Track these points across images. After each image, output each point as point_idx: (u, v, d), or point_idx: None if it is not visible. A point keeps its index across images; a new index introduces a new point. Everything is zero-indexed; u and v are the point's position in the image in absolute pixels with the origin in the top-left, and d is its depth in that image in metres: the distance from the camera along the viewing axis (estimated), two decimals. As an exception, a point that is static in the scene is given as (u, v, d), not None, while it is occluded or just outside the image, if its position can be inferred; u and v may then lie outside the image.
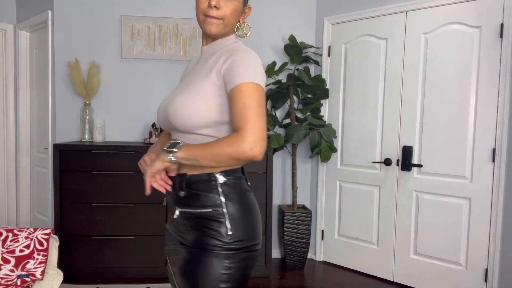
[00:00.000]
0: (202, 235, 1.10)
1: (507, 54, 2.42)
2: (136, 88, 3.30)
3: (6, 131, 3.66)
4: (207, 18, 1.13)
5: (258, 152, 0.99)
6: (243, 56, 1.08)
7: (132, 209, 2.87)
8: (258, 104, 1.02)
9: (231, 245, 1.08)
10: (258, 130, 1.00)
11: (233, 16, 1.14)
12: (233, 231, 1.09)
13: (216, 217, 1.10)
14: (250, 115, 1.01)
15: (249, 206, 1.14)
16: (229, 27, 1.16)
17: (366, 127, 3.08)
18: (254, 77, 1.04)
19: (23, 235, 1.98)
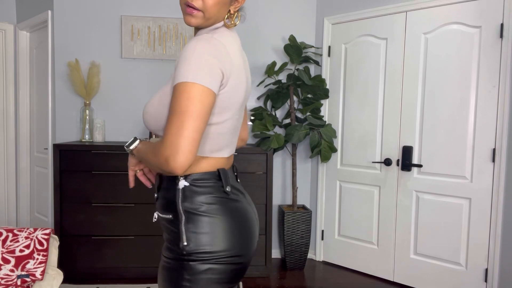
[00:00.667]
0: (166, 242, 1.06)
1: (507, 54, 2.42)
2: (136, 88, 3.30)
3: (6, 131, 3.66)
4: (187, 9, 1.03)
5: (174, 166, 0.89)
6: (189, 48, 0.96)
7: (132, 209, 2.87)
8: (185, 109, 0.90)
9: (189, 256, 1.00)
10: (174, 142, 0.89)
11: (216, 7, 1.03)
12: (191, 241, 1.00)
13: (175, 224, 1.03)
14: (172, 124, 0.90)
15: (215, 214, 1.02)
16: (212, 19, 1.05)
17: (366, 127, 3.08)
18: (192, 75, 0.92)
19: (23, 235, 1.98)
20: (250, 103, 3.38)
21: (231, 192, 1.08)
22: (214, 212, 1.03)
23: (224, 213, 1.04)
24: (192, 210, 1.01)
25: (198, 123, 0.91)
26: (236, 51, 1.06)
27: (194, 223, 1.01)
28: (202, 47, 0.95)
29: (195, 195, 1.03)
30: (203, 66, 0.94)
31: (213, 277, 1.00)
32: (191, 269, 0.99)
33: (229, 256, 1.02)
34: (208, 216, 1.02)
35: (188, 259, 1.00)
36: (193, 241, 1.00)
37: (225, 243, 1.02)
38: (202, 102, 0.92)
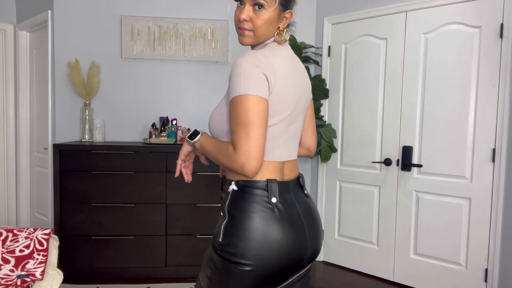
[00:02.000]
0: (215, 232, 1.18)
1: (507, 54, 2.42)
2: (136, 88, 3.30)
3: (6, 131, 3.66)
4: (239, 30, 1.17)
5: (249, 172, 1.04)
6: (236, 64, 1.08)
7: (132, 209, 2.87)
8: (246, 120, 1.03)
9: (221, 252, 1.12)
10: (247, 151, 1.03)
11: (265, 26, 1.14)
12: (224, 241, 1.11)
13: (220, 221, 1.15)
14: (240, 134, 1.04)
15: (245, 224, 1.09)
16: (263, 37, 1.17)
17: (366, 127, 3.08)
18: (243, 88, 1.05)
19: (23, 235, 1.98)
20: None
21: (280, 204, 1.13)
22: (255, 221, 1.10)
23: (249, 224, 1.10)
24: (232, 213, 1.12)
25: (260, 130, 1.04)
26: (281, 62, 1.14)
27: (229, 226, 1.11)
28: (247, 61, 1.07)
29: (238, 200, 1.13)
30: (250, 77, 1.05)
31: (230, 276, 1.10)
32: (216, 262, 1.12)
33: (242, 262, 1.08)
34: (239, 222, 1.10)
35: (218, 253, 1.12)
36: (226, 242, 1.11)
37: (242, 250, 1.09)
38: (258, 110, 1.05)
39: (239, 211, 1.11)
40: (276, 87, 1.10)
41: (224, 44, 3.30)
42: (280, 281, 1.17)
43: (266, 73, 1.07)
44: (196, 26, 3.27)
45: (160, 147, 2.86)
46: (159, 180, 2.87)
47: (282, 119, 1.14)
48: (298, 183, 1.24)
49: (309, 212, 1.20)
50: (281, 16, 1.18)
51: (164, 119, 3.16)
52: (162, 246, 2.90)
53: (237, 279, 1.09)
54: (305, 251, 1.16)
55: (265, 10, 1.13)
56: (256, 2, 1.12)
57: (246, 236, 1.08)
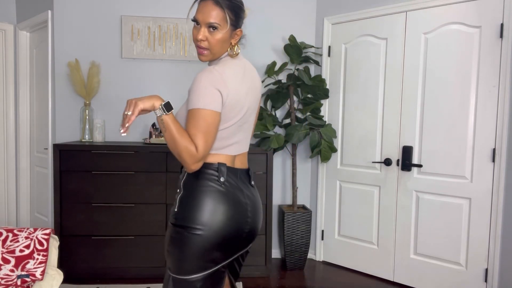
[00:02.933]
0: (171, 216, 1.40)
1: (507, 54, 2.42)
2: (136, 88, 3.30)
3: (6, 131, 3.66)
4: (198, 49, 1.38)
5: (192, 169, 1.28)
6: (196, 80, 1.29)
7: (132, 209, 2.87)
8: (201, 129, 1.26)
9: (175, 221, 1.33)
10: (203, 153, 1.27)
11: (219, 44, 1.35)
12: (179, 210, 1.34)
13: (177, 196, 1.38)
14: (198, 139, 1.26)
15: (197, 196, 1.32)
16: (218, 54, 1.38)
17: (366, 127, 3.08)
18: (201, 103, 1.26)
19: (23, 235, 1.98)
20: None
21: (225, 184, 1.36)
22: (203, 193, 1.33)
23: (210, 196, 1.33)
24: (185, 189, 1.35)
25: (211, 137, 1.28)
26: (233, 76, 1.34)
27: (187, 198, 1.34)
28: (205, 79, 1.27)
29: (191, 178, 1.36)
30: (207, 94, 1.26)
31: (187, 242, 1.30)
32: (172, 234, 1.33)
33: (194, 227, 1.30)
34: (198, 195, 1.32)
35: (173, 224, 1.34)
36: (180, 211, 1.34)
37: (198, 217, 1.30)
38: (213, 123, 1.28)
39: (192, 186, 1.34)
40: (229, 99, 1.31)
41: (224, 44, 3.29)
42: (226, 254, 1.36)
43: (220, 89, 1.28)
44: (196, 26, 3.27)
45: (160, 147, 2.86)
46: (159, 180, 2.87)
47: (233, 124, 1.37)
48: (246, 173, 1.46)
49: (252, 197, 1.43)
50: (232, 34, 1.38)
51: (164, 119, 3.15)
52: (162, 246, 2.90)
53: (191, 243, 1.29)
54: (246, 225, 1.38)
55: (218, 31, 1.33)
56: (210, 25, 1.32)
57: (196, 205, 1.30)
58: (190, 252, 1.29)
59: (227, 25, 1.33)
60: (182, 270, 1.31)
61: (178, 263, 1.32)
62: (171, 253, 1.33)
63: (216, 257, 1.33)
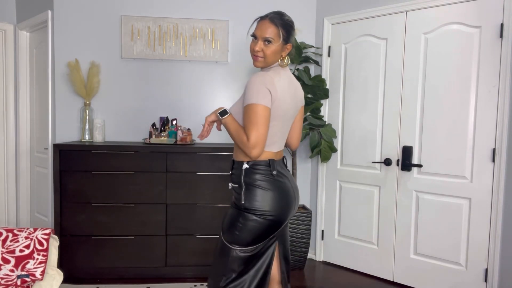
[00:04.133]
0: (234, 200, 1.72)
1: (507, 54, 2.42)
2: (136, 88, 3.30)
3: (6, 131, 3.66)
4: (254, 57, 1.69)
5: (254, 154, 1.58)
6: (251, 81, 1.60)
7: (132, 209, 2.87)
8: (256, 121, 1.56)
9: (246, 210, 1.63)
10: (255, 141, 1.55)
11: (272, 55, 1.66)
12: (246, 203, 1.63)
13: (239, 190, 1.67)
14: (252, 129, 1.56)
15: (261, 187, 1.64)
16: (270, 62, 1.68)
17: (366, 127, 3.08)
18: (255, 99, 1.56)
19: (23, 235, 1.98)
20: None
21: (277, 175, 1.67)
22: (263, 186, 1.64)
23: (269, 187, 1.64)
24: (248, 182, 1.65)
25: (265, 128, 1.58)
26: (281, 81, 1.64)
27: (250, 191, 1.64)
28: (258, 80, 1.58)
29: (250, 173, 1.66)
30: (260, 92, 1.56)
31: (256, 225, 1.62)
32: (245, 216, 1.63)
33: (267, 214, 1.62)
34: (259, 188, 1.64)
35: (244, 211, 1.64)
36: (248, 202, 1.63)
37: (266, 206, 1.63)
38: (265, 115, 1.57)
39: (252, 180, 1.64)
40: (277, 100, 1.60)
41: (224, 44, 3.30)
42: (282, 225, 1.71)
43: (270, 90, 1.57)
44: (196, 26, 3.27)
45: (160, 147, 2.86)
46: (159, 180, 2.87)
47: (278, 122, 1.66)
48: (282, 161, 1.78)
49: (292, 179, 1.77)
50: (283, 48, 1.68)
51: (164, 119, 3.16)
52: (162, 246, 2.90)
53: (263, 226, 1.62)
54: (294, 203, 1.74)
55: (272, 44, 1.64)
56: (266, 39, 1.64)
57: (261, 196, 1.63)
58: (254, 230, 1.62)
59: (279, 39, 1.65)
60: (245, 242, 1.63)
61: (243, 237, 1.63)
62: (241, 234, 1.63)
63: (267, 235, 1.66)
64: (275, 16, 1.67)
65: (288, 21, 1.68)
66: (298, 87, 1.77)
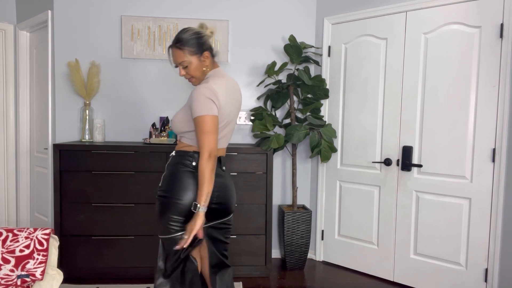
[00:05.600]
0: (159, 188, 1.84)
1: (507, 54, 2.42)
2: (136, 88, 3.30)
3: (6, 131, 3.66)
4: (188, 81, 2.03)
5: (214, 157, 1.70)
6: (196, 94, 1.71)
7: (132, 209, 2.87)
8: (207, 130, 1.68)
9: (160, 192, 1.78)
10: (209, 148, 1.69)
11: (196, 71, 1.82)
12: (162, 185, 1.78)
13: (163, 175, 1.82)
14: (204, 139, 1.69)
15: (174, 174, 1.77)
16: (201, 76, 1.84)
17: (366, 127, 3.08)
18: (204, 110, 1.68)
19: (23, 235, 1.98)
20: (250, 103, 3.38)
21: (194, 167, 1.78)
22: (173, 171, 1.78)
23: (176, 174, 1.77)
24: (167, 168, 1.81)
25: (215, 135, 1.71)
26: (221, 88, 1.76)
27: (165, 176, 1.79)
28: (203, 92, 1.70)
29: (172, 160, 1.81)
30: (207, 103, 1.69)
31: (167, 206, 1.74)
32: (160, 202, 1.77)
33: (177, 198, 1.74)
34: (171, 173, 1.78)
35: (159, 195, 1.78)
36: (164, 186, 1.77)
37: (172, 189, 1.75)
38: (214, 123, 1.70)
39: (173, 167, 1.78)
40: (220, 107, 1.73)
41: (224, 44, 3.30)
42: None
43: (214, 100, 1.70)
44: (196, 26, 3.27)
45: (160, 147, 2.86)
46: (159, 180, 2.86)
47: (221, 125, 1.79)
48: (219, 160, 1.86)
49: (221, 178, 1.84)
50: (201, 59, 1.81)
51: (164, 119, 3.16)
52: (162, 246, 2.90)
53: (174, 208, 1.73)
54: (212, 199, 1.78)
55: (188, 65, 1.79)
56: (180, 64, 1.80)
57: (173, 181, 1.75)
58: (173, 213, 1.73)
59: (191, 56, 1.77)
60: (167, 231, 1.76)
61: (162, 225, 1.76)
62: (161, 218, 1.76)
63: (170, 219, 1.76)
64: (175, 40, 1.78)
65: (189, 36, 1.77)
66: (237, 90, 1.91)
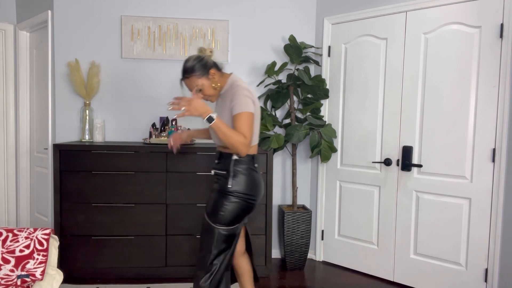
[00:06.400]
0: (217, 186, 2.00)
1: (507, 54, 2.42)
2: (136, 88, 3.30)
3: (6, 131, 3.66)
4: (206, 99, 2.04)
5: (243, 152, 1.87)
6: (238, 93, 1.92)
7: (132, 209, 2.87)
8: (246, 124, 1.87)
9: (232, 193, 1.94)
10: (246, 141, 1.85)
11: (210, 89, 2.00)
12: (233, 187, 1.94)
13: (227, 176, 1.96)
14: (244, 131, 1.86)
15: (246, 174, 1.97)
16: (215, 93, 2.03)
17: (366, 127, 3.08)
18: (243, 107, 1.89)
19: (23, 235, 1.98)
20: (250, 103, 3.38)
21: (256, 167, 2.04)
22: (246, 174, 1.97)
23: (249, 174, 1.98)
24: (236, 170, 1.96)
25: (252, 130, 1.90)
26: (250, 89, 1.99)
27: (236, 176, 1.96)
28: (241, 91, 1.91)
29: (238, 163, 1.97)
30: (246, 101, 1.90)
31: (238, 206, 1.95)
32: (229, 200, 1.94)
33: (248, 197, 1.97)
34: (242, 174, 1.97)
35: (230, 194, 1.94)
36: (235, 187, 1.94)
37: (249, 190, 1.97)
38: (252, 119, 1.91)
39: (240, 169, 1.96)
40: (255, 104, 1.97)
41: (224, 44, 3.30)
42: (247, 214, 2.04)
43: (251, 98, 1.93)
44: (196, 26, 3.27)
45: (160, 147, 2.86)
46: (159, 180, 2.87)
47: (257, 125, 2.03)
48: (253, 158, 2.06)
49: (258, 174, 2.05)
50: (209, 78, 1.97)
51: (164, 119, 3.16)
52: (162, 246, 2.90)
53: (245, 207, 1.96)
54: (252, 196, 2.00)
55: (202, 89, 1.97)
56: (196, 91, 1.95)
57: (248, 183, 1.96)
58: (237, 211, 1.93)
59: (200, 79, 1.94)
60: (227, 221, 1.93)
61: (226, 217, 1.92)
62: (226, 214, 1.92)
63: (244, 216, 2.00)
64: (182, 72, 1.97)
65: (192, 64, 1.94)
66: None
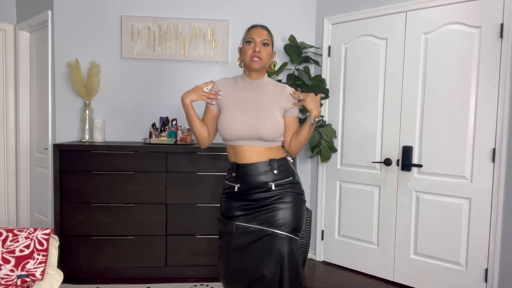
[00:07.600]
0: (292, 189, 1.85)
1: (507, 54, 2.42)
2: (136, 88, 3.30)
3: (6, 131, 3.66)
4: (252, 59, 1.78)
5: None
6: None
7: (132, 209, 2.87)
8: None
9: (302, 194, 1.90)
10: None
11: (268, 57, 1.83)
12: (299, 187, 1.89)
13: (297, 181, 1.89)
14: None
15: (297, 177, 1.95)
16: (265, 64, 1.83)
17: (366, 127, 3.07)
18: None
19: (23, 235, 1.98)
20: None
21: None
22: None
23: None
24: (295, 172, 1.94)
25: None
26: None
27: (298, 182, 1.92)
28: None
29: (294, 168, 1.96)
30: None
31: (304, 204, 1.91)
32: (304, 202, 1.91)
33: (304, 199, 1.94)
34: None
35: (303, 197, 1.92)
36: (302, 188, 1.92)
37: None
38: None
39: (295, 172, 1.92)
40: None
41: (224, 44, 3.30)
42: None
43: None
44: (196, 26, 3.27)
45: (160, 147, 2.86)
46: (159, 180, 2.87)
47: None
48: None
49: None
50: (272, 53, 1.87)
51: (164, 119, 3.16)
52: (162, 246, 2.90)
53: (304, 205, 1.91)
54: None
55: (268, 47, 1.82)
56: (263, 41, 1.79)
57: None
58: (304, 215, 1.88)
59: (271, 43, 1.84)
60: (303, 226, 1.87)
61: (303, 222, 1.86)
62: (304, 216, 1.87)
63: None
64: (264, 26, 1.87)
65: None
66: None
